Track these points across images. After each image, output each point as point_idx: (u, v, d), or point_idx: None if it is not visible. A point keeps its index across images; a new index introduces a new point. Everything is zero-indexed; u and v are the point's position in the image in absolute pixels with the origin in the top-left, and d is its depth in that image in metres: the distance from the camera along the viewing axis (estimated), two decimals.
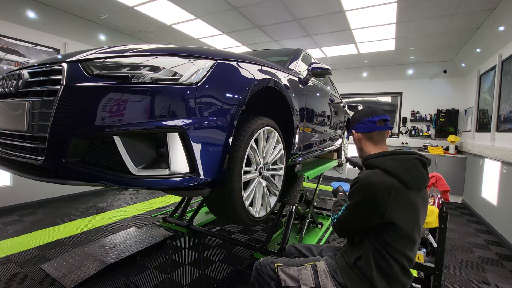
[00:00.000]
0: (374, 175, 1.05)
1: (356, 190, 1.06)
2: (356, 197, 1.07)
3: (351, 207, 1.10)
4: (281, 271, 1.14)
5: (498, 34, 3.52)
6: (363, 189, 1.04)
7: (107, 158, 1.05)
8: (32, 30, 3.69)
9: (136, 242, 2.46)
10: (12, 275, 1.98)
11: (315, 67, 2.28)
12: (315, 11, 3.59)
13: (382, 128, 1.22)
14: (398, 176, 1.02)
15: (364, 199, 1.04)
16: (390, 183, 1.01)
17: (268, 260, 1.22)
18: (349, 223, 1.12)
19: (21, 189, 3.57)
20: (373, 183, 1.02)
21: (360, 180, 1.06)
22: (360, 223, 1.07)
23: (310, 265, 1.14)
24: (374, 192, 1.01)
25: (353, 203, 1.08)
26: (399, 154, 1.10)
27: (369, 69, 6.47)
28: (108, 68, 1.10)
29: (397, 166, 1.05)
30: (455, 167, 5.02)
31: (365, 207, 1.04)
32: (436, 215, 1.68)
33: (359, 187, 1.06)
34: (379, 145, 1.23)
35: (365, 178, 1.05)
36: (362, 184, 1.05)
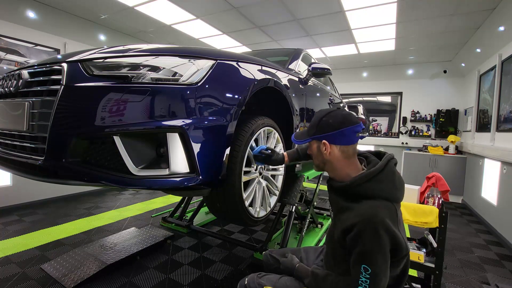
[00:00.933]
0: (376, 208, 0.89)
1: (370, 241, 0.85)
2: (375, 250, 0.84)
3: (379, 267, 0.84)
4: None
5: (498, 34, 3.52)
6: (377, 234, 0.85)
7: (107, 158, 1.05)
8: (32, 30, 3.69)
9: (136, 242, 2.46)
10: (12, 275, 1.98)
11: (315, 67, 2.28)
12: (315, 11, 3.59)
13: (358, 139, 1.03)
14: (393, 198, 0.94)
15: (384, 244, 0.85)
16: (393, 209, 0.91)
17: (254, 281, 1.10)
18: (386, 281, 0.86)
19: (21, 189, 3.56)
20: (382, 220, 0.86)
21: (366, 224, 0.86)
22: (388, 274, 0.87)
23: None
24: (390, 228, 0.85)
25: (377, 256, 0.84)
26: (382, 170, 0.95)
27: (369, 69, 6.47)
28: (108, 68, 1.10)
29: (389, 187, 0.94)
30: (455, 167, 5.02)
31: (388, 251, 0.86)
32: (436, 215, 1.68)
33: (371, 235, 0.85)
34: (353, 159, 1.02)
35: (372, 218, 0.86)
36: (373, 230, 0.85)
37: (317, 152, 1.06)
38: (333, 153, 1.01)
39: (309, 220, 2.67)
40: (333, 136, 0.99)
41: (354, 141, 1.00)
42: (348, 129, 0.99)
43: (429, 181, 1.99)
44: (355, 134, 1.00)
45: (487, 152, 3.78)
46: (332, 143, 1.00)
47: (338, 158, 1.01)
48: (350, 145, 1.00)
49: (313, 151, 1.08)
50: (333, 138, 1.00)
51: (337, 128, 0.99)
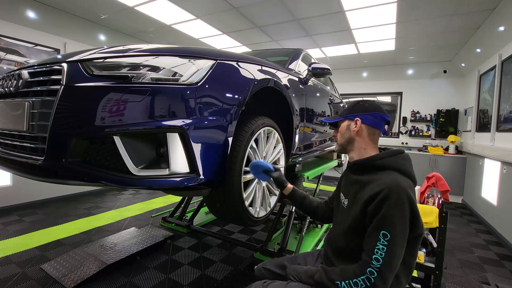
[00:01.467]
0: (399, 179, 0.93)
1: (393, 207, 0.86)
2: (397, 217, 0.86)
3: (398, 234, 0.85)
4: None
5: (498, 34, 3.52)
6: (402, 202, 0.86)
7: (107, 158, 1.05)
8: (32, 30, 3.69)
9: (136, 242, 2.46)
10: (12, 275, 1.98)
11: (315, 67, 2.28)
12: (315, 11, 3.59)
13: (384, 131, 1.17)
14: (412, 176, 0.98)
15: (405, 212, 0.86)
16: (413, 186, 0.96)
17: None
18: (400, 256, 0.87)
19: (21, 189, 3.56)
20: (406, 189, 0.88)
21: (391, 191, 0.88)
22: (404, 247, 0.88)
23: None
24: (411, 198, 0.88)
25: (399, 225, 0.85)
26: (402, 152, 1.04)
27: (369, 69, 6.47)
28: (108, 68, 1.10)
29: (410, 168, 1.00)
30: (455, 167, 5.02)
31: (408, 221, 0.87)
32: (436, 215, 1.68)
33: (395, 202, 0.86)
34: (376, 144, 1.11)
35: (396, 185, 0.89)
36: (398, 196, 0.87)
37: (345, 130, 1.13)
38: (361, 131, 1.09)
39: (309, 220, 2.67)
40: (366, 116, 1.09)
41: (381, 127, 1.09)
42: (379, 114, 1.09)
43: (429, 181, 1.99)
44: (383, 121, 1.10)
45: (487, 152, 3.78)
46: (364, 122, 1.08)
47: (363, 137, 1.09)
48: (377, 129, 1.09)
49: (341, 130, 1.15)
50: (365, 117, 1.09)
51: (370, 111, 1.09)
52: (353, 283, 0.87)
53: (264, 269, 1.25)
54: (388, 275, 0.85)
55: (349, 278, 0.89)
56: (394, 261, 0.85)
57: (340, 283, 0.90)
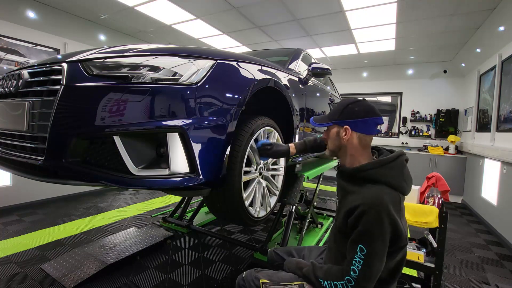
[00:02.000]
0: (382, 194, 0.90)
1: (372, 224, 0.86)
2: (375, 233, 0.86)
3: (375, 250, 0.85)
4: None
5: (498, 34, 3.52)
6: (380, 218, 0.86)
7: (107, 158, 1.05)
8: (32, 30, 3.69)
9: (136, 242, 2.46)
10: (12, 275, 1.98)
11: (315, 67, 2.28)
12: (315, 11, 3.59)
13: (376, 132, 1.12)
14: (400, 188, 0.95)
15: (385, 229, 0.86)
16: (398, 199, 0.93)
17: (251, 275, 1.11)
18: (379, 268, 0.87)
19: (21, 189, 3.57)
20: (387, 206, 0.87)
21: (372, 207, 0.87)
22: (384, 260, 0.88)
23: (297, 285, 1.03)
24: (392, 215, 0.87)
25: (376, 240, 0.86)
26: (393, 160, 0.98)
27: (369, 69, 6.47)
28: (108, 68, 1.10)
29: (398, 177, 0.96)
30: (455, 167, 5.02)
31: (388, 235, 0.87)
32: (436, 215, 1.68)
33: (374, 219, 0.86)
34: (367, 149, 1.06)
35: (377, 202, 0.88)
36: (377, 214, 0.86)
37: (335, 137, 1.08)
38: (351, 140, 1.03)
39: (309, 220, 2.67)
40: (356, 123, 1.02)
41: (373, 132, 1.04)
42: (371, 119, 1.02)
43: (429, 181, 1.99)
44: (376, 126, 1.04)
45: (487, 152, 3.78)
46: (354, 130, 1.03)
47: (354, 145, 1.03)
48: (369, 135, 1.04)
49: (331, 135, 1.10)
50: (355, 125, 1.02)
51: (361, 117, 1.02)
52: (333, 284, 0.90)
53: (275, 253, 1.36)
54: (366, 285, 0.87)
55: (331, 279, 0.92)
56: (370, 274, 0.86)
57: (323, 281, 0.93)
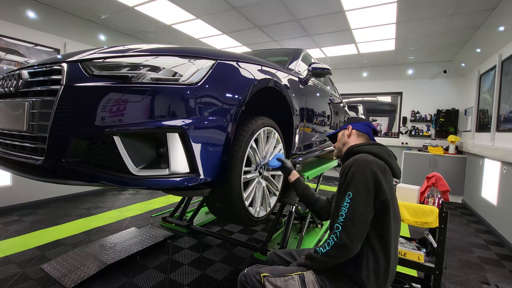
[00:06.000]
0: (367, 156, 1.09)
1: (357, 171, 1.03)
2: (359, 177, 1.02)
3: (359, 192, 1.00)
4: (268, 281, 1.09)
5: (498, 34, 3.52)
6: (364, 167, 1.03)
7: (107, 158, 1.05)
8: (32, 30, 3.69)
9: (136, 242, 2.46)
10: (12, 275, 1.98)
11: (315, 67, 2.28)
12: (315, 11, 3.59)
13: (371, 136, 1.37)
14: (386, 161, 1.11)
15: (366, 176, 1.01)
16: (383, 164, 1.09)
17: (253, 271, 1.15)
18: (364, 214, 0.99)
19: (21, 189, 3.56)
20: (369, 161, 1.06)
21: (356, 161, 1.07)
22: (371, 209, 1.00)
23: (297, 275, 1.09)
24: (373, 169, 1.03)
25: (360, 185, 1.00)
26: (380, 144, 1.22)
27: (369, 69, 6.47)
28: (108, 68, 1.10)
29: (383, 152, 1.15)
30: (455, 167, 5.02)
31: (372, 184, 1.01)
32: (436, 215, 1.68)
33: (359, 167, 1.04)
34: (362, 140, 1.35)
35: (360, 159, 1.07)
36: (360, 163, 1.05)
37: (341, 136, 1.41)
38: (351, 134, 1.36)
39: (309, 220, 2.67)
40: (355, 124, 1.38)
41: (368, 133, 1.36)
42: (364, 123, 1.40)
43: (429, 181, 1.99)
44: (370, 129, 1.37)
45: (487, 152, 3.78)
46: (353, 128, 1.37)
47: (354, 139, 1.35)
48: (365, 133, 1.36)
49: (339, 137, 1.43)
50: (355, 125, 1.38)
51: (358, 121, 1.41)
52: (326, 243, 1.02)
53: (275, 255, 1.41)
54: (351, 229, 0.97)
55: (325, 241, 1.04)
56: (355, 218, 0.98)
57: (318, 248, 1.06)
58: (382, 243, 1.05)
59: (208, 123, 1.14)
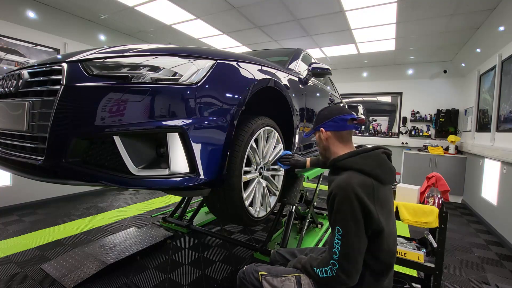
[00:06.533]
0: (351, 178, 0.99)
1: (341, 203, 0.96)
2: (345, 211, 0.95)
3: (348, 227, 0.94)
4: (265, 280, 1.10)
5: (498, 34, 3.52)
6: (348, 198, 0.95)
7: (107, 158, 1.05)
8: (32, 30, 3.69)
9: (136, 242, 2.46)
10: (12, 275, 1.98)
11: (315, 67, 2.28)
12: (315, 11, 3.59)
13: (351, 127, 1.19)
14: (373, 175, 1.02)
15: (354, 207, 0.94)
16: (369, 182, 1.00)
17: (251, 268, 1.17)
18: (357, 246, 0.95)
19: (21, 189, 3.56)
20: (353, 187, 0.96)
21: (340, 189, 0.98)
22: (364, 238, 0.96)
23: (294, 277, 1.09)
24: (359, 196, 0.95)
25: (349, 217, 0.95)
26: (367, 151, 1.09)
27: (369, 69, 6.47)
28: (108, 68, 1.10)
29: (370, 164, 1.04)
30: (455, 167, 5.01)
31: (359, 212, 0.95)
32: (436, 215, 1.68)
33: (343, 198, 0.96)
34: (348, 144, 1.19)
35: (344, 185, 0.97)
36: (345, 193, 0.96)
37: (319, 141, 1.25)
38: (329, 138, 1.20)
39: (309, 220, 2.67)
40: (327, 123, 1.20)
41: (345, 128, 1.18)
42: (337, 117, 1.18)
43: (429, 181, 1.99)
44: (346, 121, 1.17)
45: (487, 152, 3.78)
46: (327, 129, 1.20)
47: (334, 142, 1.19)
48: (342, 131, 1.18)
49: (317, 141, 1.27)
50: (326, 125, 1.20)
51: (329, 118, 1.20)
52: (324, 270, 1.00)
53: (278, 254, 1.41)
54: (347, 266, 0.95)
55: (321, 266, 1.01)
56: (349, 253, 0.94)
57: (316, 269, 1.03)
58: (379, 263, 1.03)
59: (208, 123, 1.14)
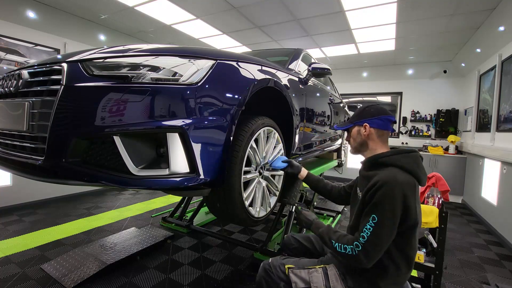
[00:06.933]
0: (397, 175, 1.02)
1: (387, 196, 0.97)
2: (388, 204, 0.97)
3: (386, 219, 0.96)
4: (292, 273, 1.14)
5: (498, 34, 3.52)
6: (393, 193, 0.97)
7: (107, 158, 1.05)
8: (32, 30, 3.69)
9: (136, 242, 2.46)
10: (12, 275, 1.98)
11: (315, 67, 2.28)
12: (315, 11, 3.59)
13: (392, 129, 1.25)
14: (415, 174, 1.06)
15: (397, 202, 0.97)
16: (412, 181, 1.04)
17: (278, 261, 1.21)
18: (386, 238, 0.98)
19: (21, 189, 3.56)
20: (401, 183, 0.99)
21: (387, 182, 0.99)
22: (394, 234, 0.99)
23: (321, 268, 1.14)
24: (405, 192, 0.98)
25: (388, 212, 0.96)
26: (407, 152, 1.13)
27: (369, 69, 6.47)
28: (108, 68, 1.10)
29: (412, 164, 1.08)
30: (455, 167, 5.02)
31: (399, 210, 0.97)
32: (436, 215, 1.68)
33: (390, 192, 0.97)
34: (385, 143, 1.22)
35: (391, 179, 0.99)
36: (392, 188, 0.97)
37: (356, 135, 1.26)
38: (371, 134, 1.21)
39: None
40: (373, 120, 1.21)
41: (388, 128, 1.21)
42: (384, 117, 1.21)
43: (429, 181, 1.99)
44: (390, 122, 1.21)
45: (487, 152, 3.78)
46: (372, 126, 1.21)
47: (374, 139, 1.21)
48: (385, 130, 1.21)
49: (353, 135, 1.28)
50: (372, 122, 1.21)
51: (376, 115, 1.21)
52: (343, 247, 1.04)
53: (293, 238, 1.47)
54: (371, 252, 0.98)
55: (342, 242, 1.06)
56: (377, 241, 0.97)
57: (334, 242, 1.08)
58: (406, 258, 1.06)
59: (208, 123, 1.14)
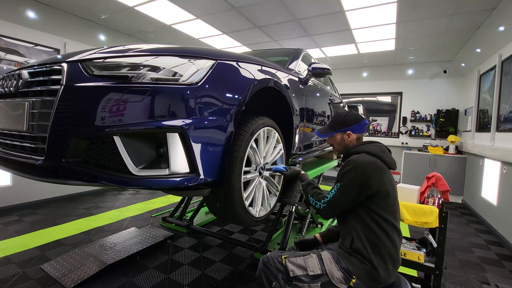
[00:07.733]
0: (362, 156, 1.25)
1: (350, 170, 1.22)
2: (349, 176, 1.21)
3: (345, 187, 1.21)
4: (288, 261, 1.22)
5: (498, 34, 3.52)
6: (356, 168, 1.20)
7: (107, 158, 1.05)
8: (32, 30, 3.69)
9: (136, 242, 2.46)
10: (12, 275, 1.98)
11: (315, 67, 2.28)
12: (315, 11, 3.59)
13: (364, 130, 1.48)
14: (379, 156, 1.26)
15: (357, 176, 1.19)
16: (375, 161, 1.23)
17: (275, 254, 1.29)
18: (342, 202, 1.23)
19: (21, 189, 3.56)
20: (363, 161, 1.22)
21: (352, 162, 1.23)
22: (350, 200, 1.21)
23: (315, 254, 1.24)
24: (365, 168, 1.20)
25: (347, 182, 1.21)
26: (371, 142, 1.37)
27: (369, 69, 6.47)
28: (108, 68, 1.10)
29: (376, 149, 1.30)
30: (455, 167, 5.02)
31: (358, 183, 1.18)
32: (436, 215, 1.68)
33: (353, 167, 1.21)
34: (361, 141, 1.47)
35: (356, 159, 1.24)
36: (355, 165, 1.21)
37: (340, 141, 1.46)
38: (352, 139, 1.42)
39: (309, 220, 2.67)
40: (354, 128, 1.42)
41: (364, 130, 1.46)
42: (363, 123, 1.44)
43: (429, 181, 1.99)
44: (365, 125, 1.46)
45: (487, 152, 3.78)
46: (354, 132, 1.42)
47: (353, 142, 1.43)
48: (362, 133, 1.45)
49: (336, 140, 1.47)
50: (354, 129, 1.42)
51: (356, 122, 1.43)
52: (314, 202, 1.33)
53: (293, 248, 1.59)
54: (329, 208, 1.26)
55: (315, 199, 1.34)
56: (335, 203, 1.23)
57: (309, 196, 1.39)
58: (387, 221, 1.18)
59: (208, 123, 1.14)
